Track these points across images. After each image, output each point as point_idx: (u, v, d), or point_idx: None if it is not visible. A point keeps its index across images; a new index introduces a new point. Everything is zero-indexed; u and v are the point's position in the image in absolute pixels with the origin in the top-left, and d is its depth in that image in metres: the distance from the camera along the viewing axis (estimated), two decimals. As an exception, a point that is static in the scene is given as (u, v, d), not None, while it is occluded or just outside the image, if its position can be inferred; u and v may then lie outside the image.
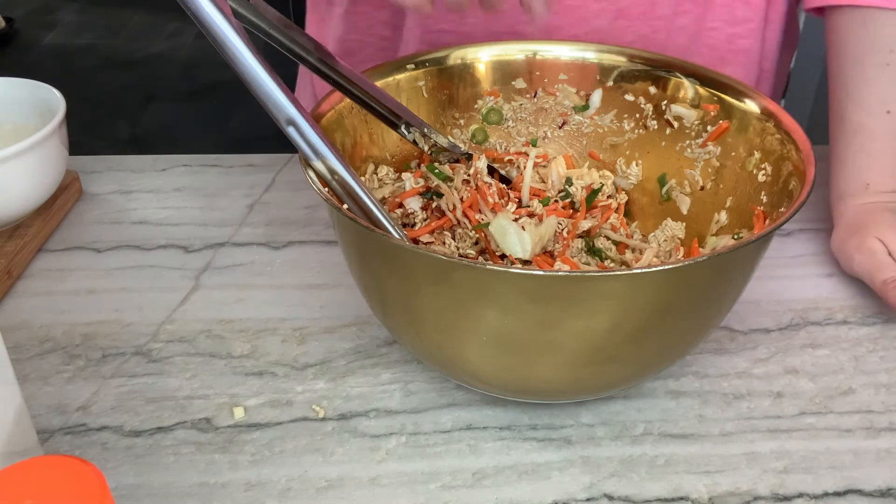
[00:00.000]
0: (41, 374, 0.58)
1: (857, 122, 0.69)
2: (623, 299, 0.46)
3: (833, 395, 0.58)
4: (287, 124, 0.48)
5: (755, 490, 0.51)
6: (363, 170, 0.62)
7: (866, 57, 0.69)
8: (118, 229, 0.73)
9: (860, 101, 0.69)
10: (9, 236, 0.68)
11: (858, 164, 0.69)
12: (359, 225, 0.47)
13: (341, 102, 0.59)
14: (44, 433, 0.54)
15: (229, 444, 0.54)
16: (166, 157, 0.82)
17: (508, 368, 0.51)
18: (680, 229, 0.64)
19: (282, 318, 0.63)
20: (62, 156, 0.70)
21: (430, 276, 0.47)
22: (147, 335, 0.62)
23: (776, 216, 0.55)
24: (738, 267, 0.50)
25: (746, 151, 0.60)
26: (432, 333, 0.51)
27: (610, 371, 0.51)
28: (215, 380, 0.58)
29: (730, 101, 0.61)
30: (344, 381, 0.58)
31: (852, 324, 0.64)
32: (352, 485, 0.51)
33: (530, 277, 0.45)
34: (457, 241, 0.60)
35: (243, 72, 0.47)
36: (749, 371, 0.60)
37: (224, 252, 0.70)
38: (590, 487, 0.51)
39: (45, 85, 0.72)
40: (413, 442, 0.54)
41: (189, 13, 0.45)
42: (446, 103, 0.66)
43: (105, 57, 3.04)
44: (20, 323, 0.62)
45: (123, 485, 0.51)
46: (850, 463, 0.53)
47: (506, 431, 0.55)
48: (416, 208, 0.62)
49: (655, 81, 0.64)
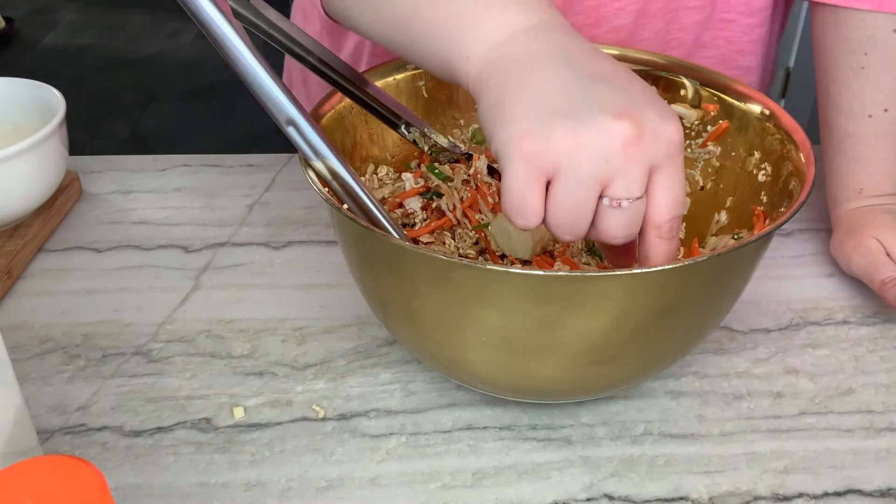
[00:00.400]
0: (41, 374, 0.58)
1: (842, 128, 0.69)
2: (623, 299, 0.46)
3: (833, 395, 0.58)
4: (287, 124, 0.48)
5: (755, 490, 0.51)
6: (363, 170, 0.62)
7: (842, 60, 0.68)
8: (118, 229, 0.73)
9: (842, 107, 0.68)
10: (9, 236, 0.68)
11: (849, 169, 0.69)
12: (359, 225, 0.47)
13: (341, 102, 0.59)
14: (44, 433, 0.54)
15: (229, 444, 0.54)
16: (166, 157, 0.82)
17: (508, 368, 0.51)
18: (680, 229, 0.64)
19: (282, 318, 0.63)
20: (62, 156, 0.70)
21: (430, 276, 0.47)
22: (147, 335, 0.62)
23: (776, 216, 0.55)
24: (738, 267, 0.50)
25: (746, 151, 0.60)
26: (432, 333, 0.51)
27: (610, 371, 0.51)
28: (215, 380, 0.58)
29: (730, 101, 0.61)
30: (344, 381, 0.58)
31: (852, 324, 0.64)
32: (352, 485, 0.51)
33: (530, 277, 0.44)
34: (457, 241, 0.60)
35: (243, 72, 0.47)
36: (749, 371, 0.60)
37: (224, 252, 0.70)
38: (590, 487, 0.51)
39: (45, 85, 0.72)
40: (413, 442, 0.54)
41: (189, 13, 0.45)
42: (446, 103, 0.66)
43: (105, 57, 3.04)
44: (20, 323, 0.62)
45: (123, 485, 0.51)
46: (850, 463, 0.53)
47: (506, 431, 0.55)
48: (416, 208, 0.62)
49: (655, 81, 0.63)
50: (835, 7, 0.68)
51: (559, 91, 0.43)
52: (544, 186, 0.42)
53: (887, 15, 0.66)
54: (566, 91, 0.42)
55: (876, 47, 0.66)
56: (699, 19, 0.76)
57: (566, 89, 0.43)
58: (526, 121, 0.42)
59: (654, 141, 0.42)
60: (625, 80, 0.44)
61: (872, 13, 0.66)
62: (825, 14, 0.69)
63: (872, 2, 0.66)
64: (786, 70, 1.99)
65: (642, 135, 0.41)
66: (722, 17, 0.76)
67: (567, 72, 0.43)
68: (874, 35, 0.66)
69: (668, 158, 0.43)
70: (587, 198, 0.42)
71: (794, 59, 1.97)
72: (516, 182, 0.42)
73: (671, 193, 0.43)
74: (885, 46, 0.66)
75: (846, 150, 0.69)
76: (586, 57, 0.45)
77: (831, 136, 0.70)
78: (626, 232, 0.44)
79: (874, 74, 0.67)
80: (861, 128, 0.68)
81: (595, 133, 0.41)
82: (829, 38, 0.69)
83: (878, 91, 0.67)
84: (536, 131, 0.41)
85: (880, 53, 0.66)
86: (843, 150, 0.69)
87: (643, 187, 0.42)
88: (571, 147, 0.41)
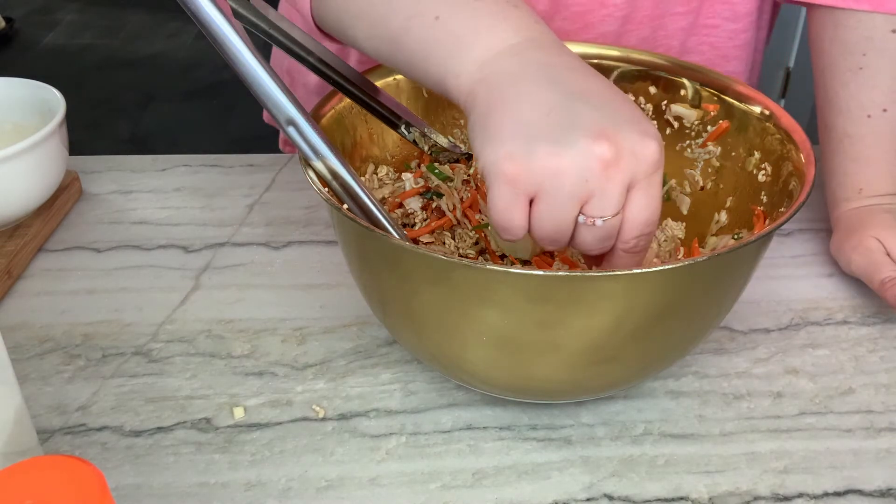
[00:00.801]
0: (41, 374, 0.58)
1: (840, 129, 0.69)
2: (623, 299, 0.46)
3: (833, 395, 0.58)
4: (287, 124, 0.48)
5: (755, 490, 0.51)
6: (363, 170, 0.62)
7: (840, 61, 0.68)
8: (118, 229, 0.73)
9: (840, 108, 0.68)
10: (9, 236, 0.68)
11: (848, 170, 0.69)
12: (359, 225, 0.47)
13: (341, 102, 0.59)
14: (44, 433, 0.54)
15: (229, 444, 0.54)
16: (166, 157, 0.82)
17: (508, 368, 0.51)
18: (680, 229, 0.64)
19: (282, 318, 0.63)
20: (62, 156, 0.70)
21: (430, 276, 0.47)
22: (147, 335, 0.62)
23: (776, 216, 0.55)
24: (738, 267, 0.50)
25: (746, 151, 0.60)
26: (432, 333, 0.51)
27: (610, 371, 0.51)
28: (215, 380, 0.58)
29: (730, 101, 0.61)
30: (344, 381, 0.58)
31: (852, 324, 0.64)
32: (352, 485, 0.51)
33: (530, 277, 0.44)
34: (457, 241, 0.60)
35: (243, 72, 0.47)
36: (749, 371, 0.60)
37: (224, 252, 0.70)
38: (590, 487, 0.51)
39: (45, 85, 0.72)
40: (413, 442, 0.54)
41: (189, 13, 0.45)
42: (446, 103, 0.66)
43: (105, 57, 3.04)
44: (20, 323, 0.62)
45: (123, 485, 0.51)
46: (850, 463, 0.53)
47: (506, 431, 0.55)
48: (416, 208, 0.62)
49: (655, 81, 0.63)
50: (832, 8, 0.68)
51: (542, 111, 0.44)
52: (528, 204, 0.44)
53: (885, 15, 0.66)
54: (549, 111, 0.44)
55: (874, 48, 0.66)
56: (684, 25, 0.76)
57: (549, 109, 0.44)
58: (510, 143, 0.43)
59: (633, 161, 0.43)
60: (608, 97, 0.45)
61: (870, 14, 0.66)
62: (823, 15, 0.69)
63: (870, 2, 0.66)
64: (786, 70, 1.99)
65: (620, 156, 0.42)
66: (707, 23, 0.77)
67: (551, 90, 0.45)
68: (872, 36, 0.66)
69: (645, 177, 0.44)
70: (567, 215, 0.44)
71: (794, 59, 1.97)
72: (501, 203, 0.44)
73: (645, 212, 0.45)
74: (884, 47, 0.66)
75: (845, 150, 0.69)
76: (571, 74, 0.46)
77: (830, 136, 0.70)
78: (599, 245, 0.46)
79: (872, 75, 0.67)
80: (859, 128, 0.68)
81: (575, 156, 0.42)
82: (826, 39, 0.69)
83: (876, 91, 0.67)
84: (519, 154, 0.43)
85: (878, 54, 0.66)
86: (841, 150, 0.69)
87: (619, 206, 0.44)
88: (553, 170, 0.42)
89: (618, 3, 0.74)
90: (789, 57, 1.97)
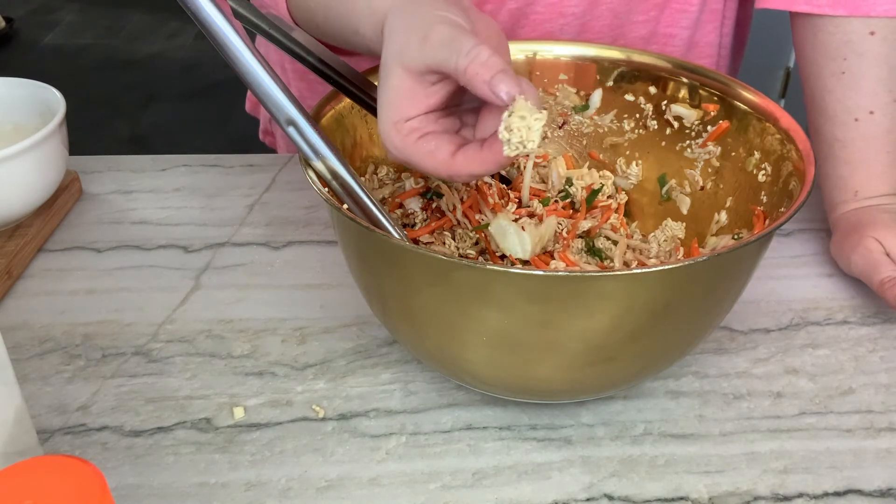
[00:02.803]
0: (41, 374, 0.58)
1: (830, 134, 0.69)
2: (623, 299, 0.46)
3: (833, 395, 0.58)
4: (287, 124, 0.48)
5: (755, 490, 0.51)
6: (363, 170, 0.62)
7: (823, 67, 0.68)
8: (118, 229, 0.73)
9: (828, 113, 0.69)
10: (9, 236, 0.68)
11: (842, 174, 0.69)
12: (359, 225, 0.47)
13: (341, 102, 0.59)
14: (44, 433, 0.54)
15: (229, 444, 0.54)
16: (166, 157, 0.82)
17: (508, 368, 0.51)
18: (680, 229, 0.64)
19: (282, 318, 0.63)
20: (62, 156, 0.70)
21: (430, 276, 0.47)
22: (147, 335, 0.62)
23: (776, 216, 0.55)
24: (738, 267, 0.50)
25: (746, 151, 0.60)
26: (432, 333, 0.51)
27: (610, 371, 0.51)
28: (215, 380, 0.58)
29: (730, 101, 0.61)
30: (344, 381, 0.58)
31: (852, 324, 0.64)
32: (352, 485, 0.51)
33: (530, 277, 0.44)
34: (457, 242, 0.60)
35: (243, 72, 0.47)
36: (749, 371, 0.60)
37: (224, 252, 0.70)
38: (590, 487, 0.51)
39: (45, 85, 0.72)
40: (413, 442, 0.54)
41: (189, 13, 0.45)
42: (446, 103, 0.66)
43: (105, 57, 3.04)
44: (20, 323, 0.62)
45: (123, 485, 0.51)
46: (850, 463, 0.53)
47: (506, 431, 0.55)
48: (416, 208, 0.62)
49: (655, 81, 0.63)
50: (810, 15, 0.68)
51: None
52: None
53: (862, 18, 0.66)
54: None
55: (854, 51, 0.67)
56: (644, 34, 0.77)
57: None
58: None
59: None
60: None
61: (847, 18, 0.66)
62: (803, 23, 0.69)
63: (846, 7, 0.66)
64: (785, 70, 1.99)
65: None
66: (665, 32, 0.77)
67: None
68: (851, 39, 0.67)
69: None
70: None
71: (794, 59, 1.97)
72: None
73: None
74: (863, 50, 0.66)
75: (836, 154, 0.69)
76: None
77: (821, 142, 0.70)
78: None
79: (855, 78, 0.67)
80: (848, 132, 0.68)
81: None
82: (808, 45, 0.69)
83: (861, 95, 0.67)
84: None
85: (859, 57, 0.67)
86: (833, 155, 0.69)
87: None
88: None
89: (576, 13, 0.74)
90: (789, 57, 1.97)
